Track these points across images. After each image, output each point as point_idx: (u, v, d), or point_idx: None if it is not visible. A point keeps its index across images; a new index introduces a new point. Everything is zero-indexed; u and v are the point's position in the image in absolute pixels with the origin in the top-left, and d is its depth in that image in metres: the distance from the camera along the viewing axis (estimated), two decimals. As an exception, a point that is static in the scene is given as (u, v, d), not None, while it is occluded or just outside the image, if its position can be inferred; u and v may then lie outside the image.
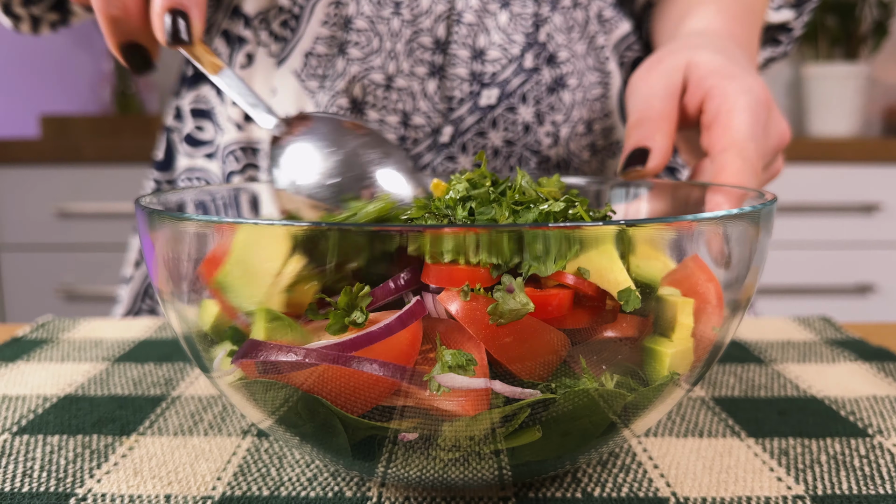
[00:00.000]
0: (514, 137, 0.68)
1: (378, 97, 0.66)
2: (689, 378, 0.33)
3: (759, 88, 0.51)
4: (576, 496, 0.35)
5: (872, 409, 0.46)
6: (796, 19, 0.74)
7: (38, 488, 0.36)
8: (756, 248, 0.33)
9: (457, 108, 0.67)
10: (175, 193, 0.41)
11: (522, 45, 0.67)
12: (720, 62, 0.53)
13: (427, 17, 0.66)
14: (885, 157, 1.85)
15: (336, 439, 0.31)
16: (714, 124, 0.50)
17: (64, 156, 1.84)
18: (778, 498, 0.35)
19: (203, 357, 0.33)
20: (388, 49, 0.66)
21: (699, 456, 0.39)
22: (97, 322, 0.65)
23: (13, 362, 0.55)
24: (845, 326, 0.64)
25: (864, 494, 0.35)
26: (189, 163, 0.75)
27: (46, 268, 1.91)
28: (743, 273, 0.33)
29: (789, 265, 1.90)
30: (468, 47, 0.67)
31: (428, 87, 0.67)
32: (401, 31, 0.66)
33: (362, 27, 0.66)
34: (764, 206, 0.33)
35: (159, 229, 0.32)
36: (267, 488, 0.36)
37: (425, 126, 0.67)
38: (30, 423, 0.44)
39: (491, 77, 0.67)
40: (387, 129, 0.67)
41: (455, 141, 0.67)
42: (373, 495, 0.35)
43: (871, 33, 2.14)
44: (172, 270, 0.32)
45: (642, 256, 0.29)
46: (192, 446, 0.41)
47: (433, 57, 0.67)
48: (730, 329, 0.34)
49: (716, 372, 0.52)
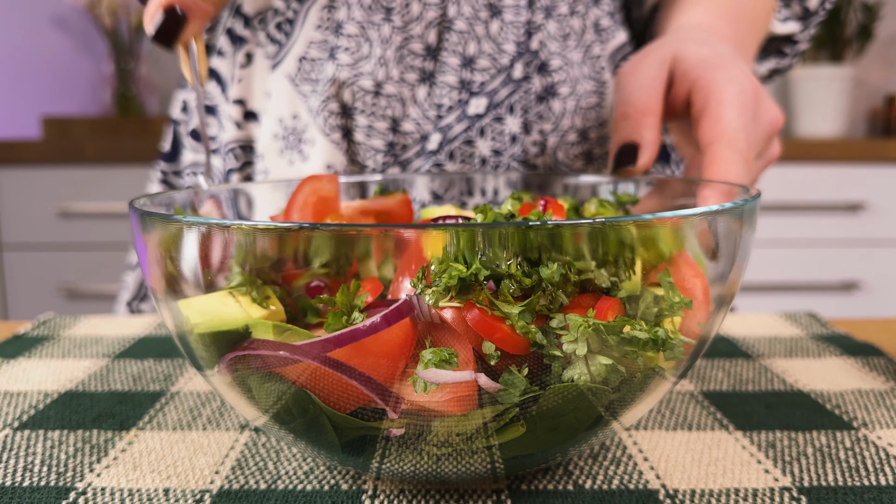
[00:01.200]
0: (501, 147, 0.66)
1: (367, 103, 0.65)
2: (675, 371, 0.33)
3: (744, 77, 0.50)
4: (567, 488, 0.35)
5: (857, 402, 0.46)
6: (802, 32, 0.73)
7: (38, 482, 0.36)
8: (740, 244, 0.33)
9: (445, 116, 0.66)
10: (170, 194, 0.41)
11: (513, 55, 0.66)
12: (705, 53, 0.52)
13: (418, 24, 0.65)
14: (870, 157, 1.86)
15: (326, 436, 0.31)
16: (702, 116, 0.49)
17: (65, 156, 1.84)
18: (765, 489, 0.35)
19: (197, 355, 0.33)
20: (378, 55, 0.65)
21: (688, 449, 0.39)
22: (97, 319, 0.65)
23: (14, 359, 0.54)
24: (831, 322, 0.64)
25: (849, 486, 0.35)
26: (195, 157, 0.75)
27: (48, 266, 1.90)
28: (727, 269, 0.33)
29: (776, 263, 1.91)
30: (458, 55, 0.65)
31: (418, 93, 0.66)
32: (391, 37, 0.65)
33: (352, 32, 0.65)
34: (747, 202, 0.33)
35: (151, 231, 0.32)
36: (264, 482, 0.36)
37: (414, 132, 0.66)
38: (31, 418, 0.44)
39: (479, 86, 0.66)
40: (376, 134, 0.66)
41: (443, 148, 0.66)
42: (368, 488, 0.35)
43: (856, 36, 2.14)
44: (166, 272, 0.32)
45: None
46: (191, 441, 0.40)
47: (424, 63, 0.66)
48: (714, 324, 0.34)
49: (704, 367, 0.52)
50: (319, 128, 0.66)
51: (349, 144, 0.67)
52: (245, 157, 0.71)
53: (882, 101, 2.35)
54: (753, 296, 1.91)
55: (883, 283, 1.93)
